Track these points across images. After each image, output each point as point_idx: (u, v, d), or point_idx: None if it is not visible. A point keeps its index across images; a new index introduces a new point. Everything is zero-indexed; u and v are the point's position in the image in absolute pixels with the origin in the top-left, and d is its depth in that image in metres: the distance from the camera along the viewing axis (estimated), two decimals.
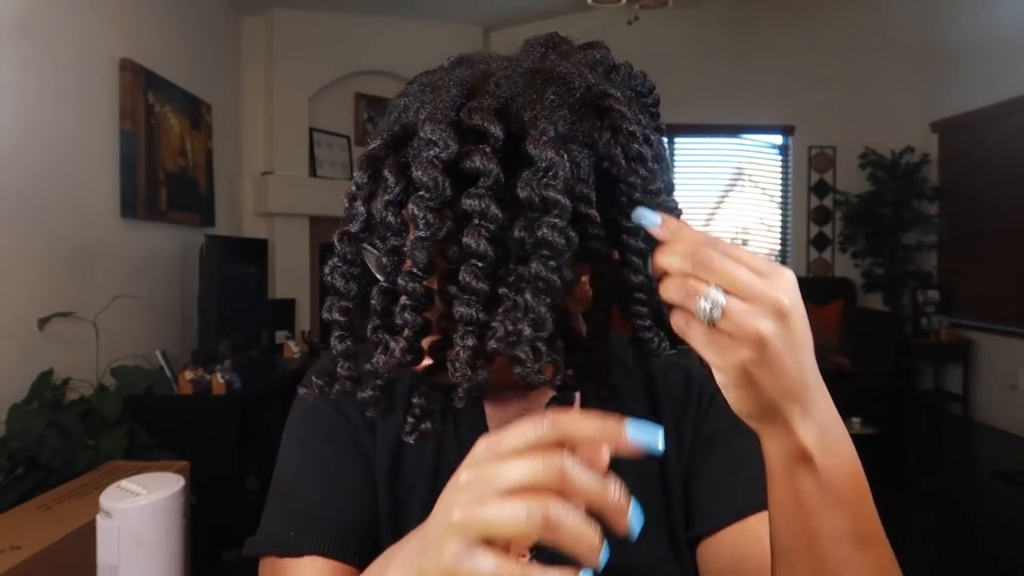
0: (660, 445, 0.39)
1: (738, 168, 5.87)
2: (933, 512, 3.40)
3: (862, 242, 5.49)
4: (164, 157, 3.26)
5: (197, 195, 3.63)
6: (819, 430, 0.46)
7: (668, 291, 0.45)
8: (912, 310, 5.35)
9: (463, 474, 0.40)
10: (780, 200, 5.83)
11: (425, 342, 0.50)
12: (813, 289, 5.34)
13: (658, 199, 0.49)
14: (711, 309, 0.43)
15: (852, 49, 5.52)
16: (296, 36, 4.39)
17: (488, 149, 0.46)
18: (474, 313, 0.46)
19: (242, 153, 4.36)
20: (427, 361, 0.50)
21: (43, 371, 2.31)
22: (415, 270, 0.47)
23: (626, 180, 0.49)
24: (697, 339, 0.44)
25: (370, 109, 4.78)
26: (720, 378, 0.45)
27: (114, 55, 2.92)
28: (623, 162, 0.49)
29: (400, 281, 0.48)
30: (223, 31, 4.16)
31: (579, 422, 0.39)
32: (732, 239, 5.83)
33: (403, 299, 0.48)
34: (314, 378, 0.54)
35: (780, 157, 5.81)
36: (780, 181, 5.83)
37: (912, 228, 5.37)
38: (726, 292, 0.42)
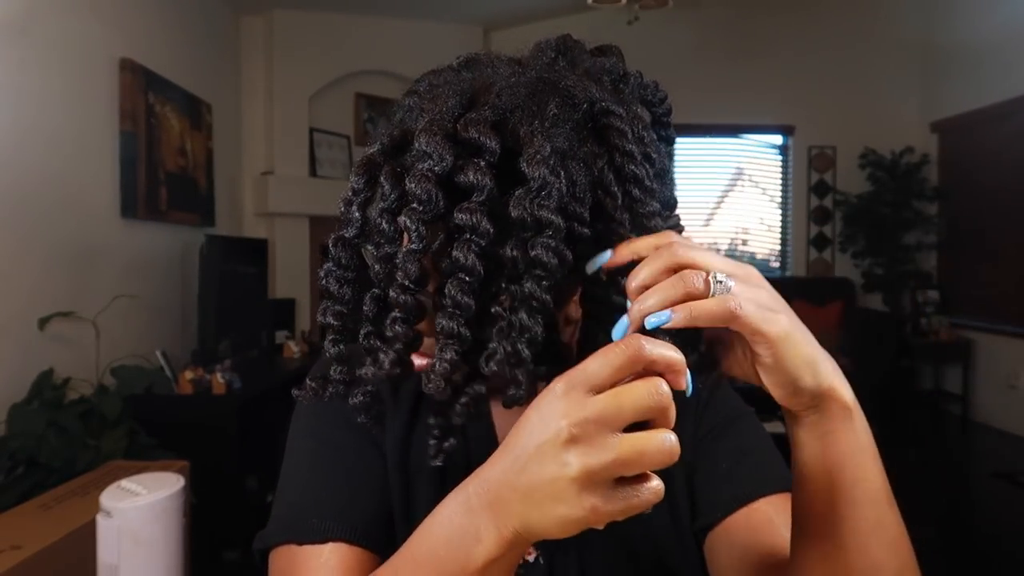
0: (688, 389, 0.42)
1: (738, 168, 5.87)
2: (933, 512, 3.40)
3: (862, 242, 5.48)
4: (164, 157, 3.26)
5: (197, 195, 3.63)
6: (846, 383, 0.47)
7: (666, 290, 0.44)
8: (912, 310, 5.35)
9: (553, 412, 0.39)
10: (780, 200, 5.83)
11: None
12: (813, 289, 5.34)
13: (650, 223, 0.49)
14: (722, 286, 0.44)
15: (852, 49, 5.52)
16: (296, 36, 4.38)
17: (483, 163, 0.45)
18: (455, 327, 0.45)
19: (242, 153, 4.36)
20: (420, 361, 0.50)
21: (43, 371, 2.31)
22: (407, 282, 0.46)
23: (618, 205, 0.48)
24: (752, 314, 0.43)
25: (370, 109, 4.77)
26: (769, 353, 0.44)
27: (114, 55, 2.92)
28: (617, 187, 0.48)
29: (392, 293, 0.47)
30: (223, 31, 4.16)
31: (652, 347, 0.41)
32: (732, 240, 5.83)
33: (395, 311, 0.47)
34: (308, 380, 0.53)
35: (780, 157, 5.81)
36: (780, 181, 5.82)
37: (912, 228, 5.37)
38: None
